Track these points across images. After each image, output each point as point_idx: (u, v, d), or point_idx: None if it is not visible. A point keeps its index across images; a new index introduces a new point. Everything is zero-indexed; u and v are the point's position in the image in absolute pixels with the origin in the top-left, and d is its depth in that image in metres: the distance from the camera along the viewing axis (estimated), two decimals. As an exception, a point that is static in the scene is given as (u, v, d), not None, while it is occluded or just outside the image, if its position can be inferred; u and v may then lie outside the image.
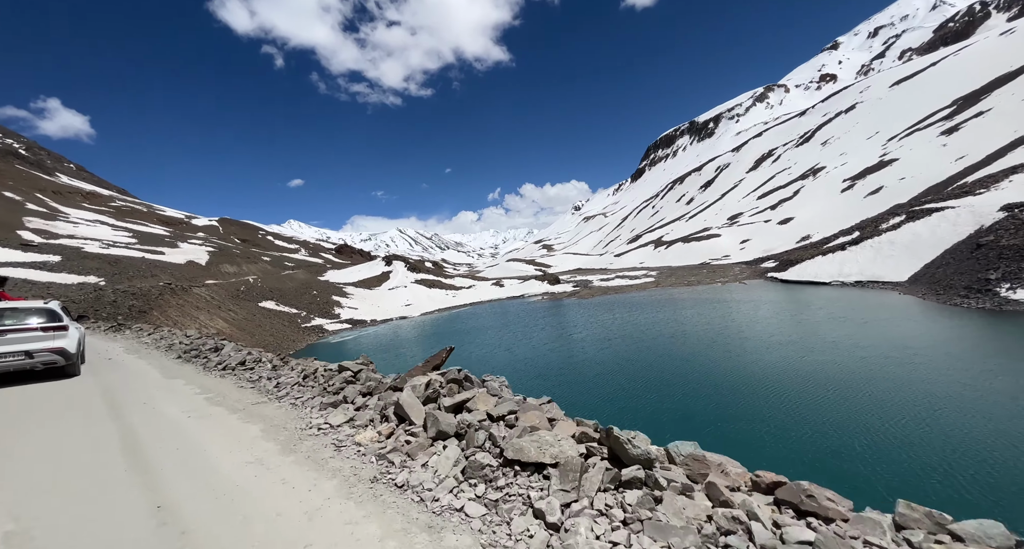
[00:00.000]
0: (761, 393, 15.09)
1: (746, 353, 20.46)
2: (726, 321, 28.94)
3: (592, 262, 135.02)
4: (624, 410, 15.66)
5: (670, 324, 30.79)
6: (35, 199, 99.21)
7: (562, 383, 20.15)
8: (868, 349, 18.21)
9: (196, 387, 7.86)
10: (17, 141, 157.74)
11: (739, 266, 67.15)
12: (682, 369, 19.71)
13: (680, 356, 21.86)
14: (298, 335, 53.94)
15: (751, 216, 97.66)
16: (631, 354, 24.05)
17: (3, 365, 7.84)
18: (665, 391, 17.14)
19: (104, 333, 19.31)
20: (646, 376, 19.33)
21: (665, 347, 24.43)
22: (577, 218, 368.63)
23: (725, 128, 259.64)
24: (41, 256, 53.57)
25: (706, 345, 23.64)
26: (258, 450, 4.73)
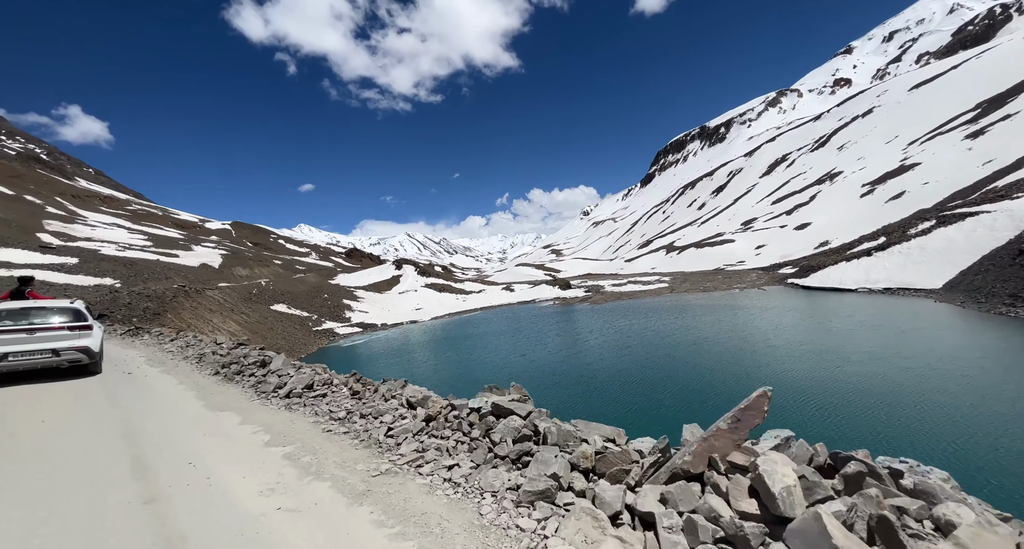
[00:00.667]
0: (797, 404, 14.17)
1: (776, 362, 19.50)
2: (750, 328, 27.91)
3: (602, 267, 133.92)
4: (648, 419, 14.85)
5: (691, 330, 29.83)
6: (55, 202, 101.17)
7: (582, 391, 19.38)
8: (911, 360, 17.16)
9: (261, 429, 5.41)
10: (39, 146, 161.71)
11: (755, 272, 65.72)
12: (708, 378, 18.81)
13: (705, 365, 20.96)
14: (309, 338, 53.77)
15: (766, 221, 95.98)
16: (652, 361, 23.18)
17: (32, 362, 7.96)
18: (691, 401, 16.28)
19: (121, 338, 17.55)
20: (669, 385, 18.48)
21: (688, 354, 23.52)
22: (586, 223, 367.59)
23: (737, 133, 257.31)
24: (59, 258, 54.21)
25: (732, 353, 22.68)
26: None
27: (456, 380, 26.37)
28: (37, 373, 8.37)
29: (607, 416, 15.62)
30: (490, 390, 6.30)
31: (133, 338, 16.69)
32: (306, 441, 4.98)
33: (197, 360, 10.82)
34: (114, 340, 16.32)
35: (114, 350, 13.24)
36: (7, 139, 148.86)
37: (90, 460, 4.41)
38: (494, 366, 28.36)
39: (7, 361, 7.77)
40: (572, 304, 67.07)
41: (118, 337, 17.85)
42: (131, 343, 15.06)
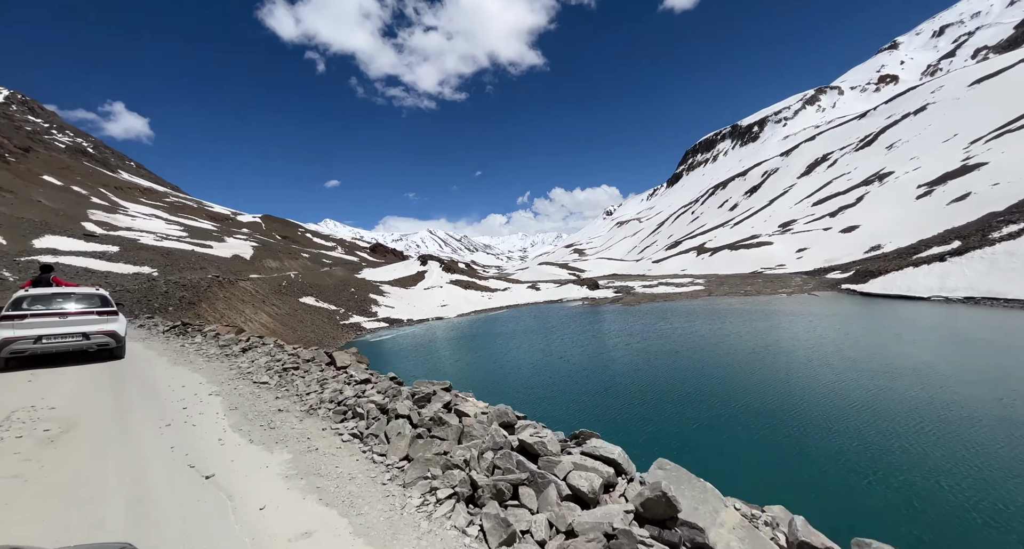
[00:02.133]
0: (913, 434, 12.10)
1: (864, 378, 17.28)
2: (814, 337, 25.49)
3: (628, 268, 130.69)
4: (722, 437, 13.05)
5: (747, 337, 27.59)
6: (99, 193, 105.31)
7: (636, 403, 17.66)
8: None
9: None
10: (86, 140, 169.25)
11: (799, 276, 62.08)
12: (784, 392, 16.81)
13: (774, 377, 18.91)
14: (337, 332, 53.60)
15: (807, 223, 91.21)
16: (712, 370, 21.23)
17: (65, 345, 8.35)
18: (773, 420, 14.37)
19: (164, 338, 13.15)
20: (742, 399, 16.57)
21: (750, 363, 21.46)
22: (609, 223, 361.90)
23: (771, 132, 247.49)
24: (101, 246, 55.76)
25: (802, 363, 20.50)
26: None
27: (491, 383, 25.00)
28: (68, 355, 8.81)
29: (673, 435, 13.88)
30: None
31: (182, 339, 12.22)
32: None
33: (291, 394, 6.47)
34: (154, 342, 11.98)
35: (155, 364, 9.14)
36: (58, 133, 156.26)
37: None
38: (535, 367, 26.87)
39: (41, 343, 8.09)
40: (602, 305, 64.93)
41: (160, 337, 13.29)
42: (180, 349, 10.68)
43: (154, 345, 11.50)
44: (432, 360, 34.83)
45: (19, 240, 49.03)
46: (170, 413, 5.70)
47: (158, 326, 16.03)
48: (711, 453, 12.32)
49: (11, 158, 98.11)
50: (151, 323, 17.97)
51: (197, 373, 8.18)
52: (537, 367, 26.98)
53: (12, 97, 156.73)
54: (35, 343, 8.03)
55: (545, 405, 18.97)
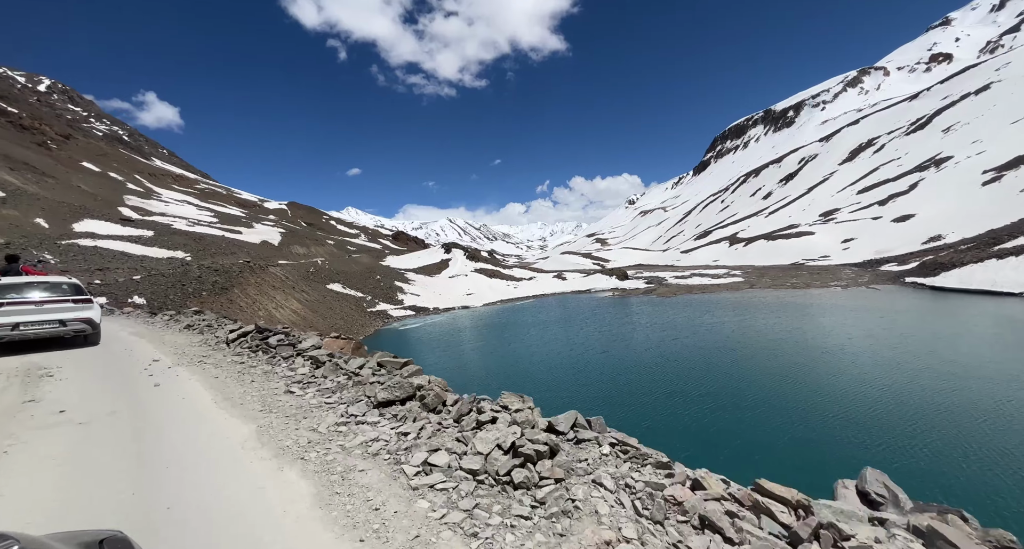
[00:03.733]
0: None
1: (975, 381, 15.02)
2: (896, 336, 22.96)
3: (654, 258, 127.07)
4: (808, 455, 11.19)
5: (814, 334, 25.23)
6: (134, 180, 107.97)
7: (707, 410, 15.86)
8: None
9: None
10: (121, 129, 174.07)
11: (848, 268, 58.21)
12: (890, 402, 14.72)
13: (866, 383, 16.77)
14: (365, 320, 53.23)
15: (852, 212, 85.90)
16: (785, 372, 19.18)
17: (41, 331, 8.60)
18: (876, 426, 12.41)
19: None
20: (835, 409, 14.59)
21: (828, 365, 19.31)
22: (632, 212, 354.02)
23: (808, 116, 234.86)
24: (137, 231, 56.63)
25: (898, 369, 18.19)
26: None
27: (532, 380, 23.54)
28: (44, 342, 9.13)
29: (759, 445, 12.08)
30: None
31: (268, 366, 7.49)
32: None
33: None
34: (226, 365, 7.88)
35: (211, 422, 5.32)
36: (96, 121, 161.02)
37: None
38: (577, 362, 25.24)
39: (19, 330, 8.33)
40: (633, 295, 62.63)
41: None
42: (245, 369, 7.41)
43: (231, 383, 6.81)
44: (464, 351, 33.64)
45: (60, 224, 50.01)
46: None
47: (202, 326, 12.66)
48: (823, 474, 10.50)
49: (53, 145, 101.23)
50: (175, 317, 15.71)
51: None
52: (581, 362, 25.35)
53: (53, 86, 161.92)
54: (12, 330, 8.26)
55: (596, 404, 17.37)
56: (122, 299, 30.10)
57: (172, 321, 14.60)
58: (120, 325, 13.72)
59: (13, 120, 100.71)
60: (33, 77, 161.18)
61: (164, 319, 15.40)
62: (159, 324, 14.00)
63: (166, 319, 15.30)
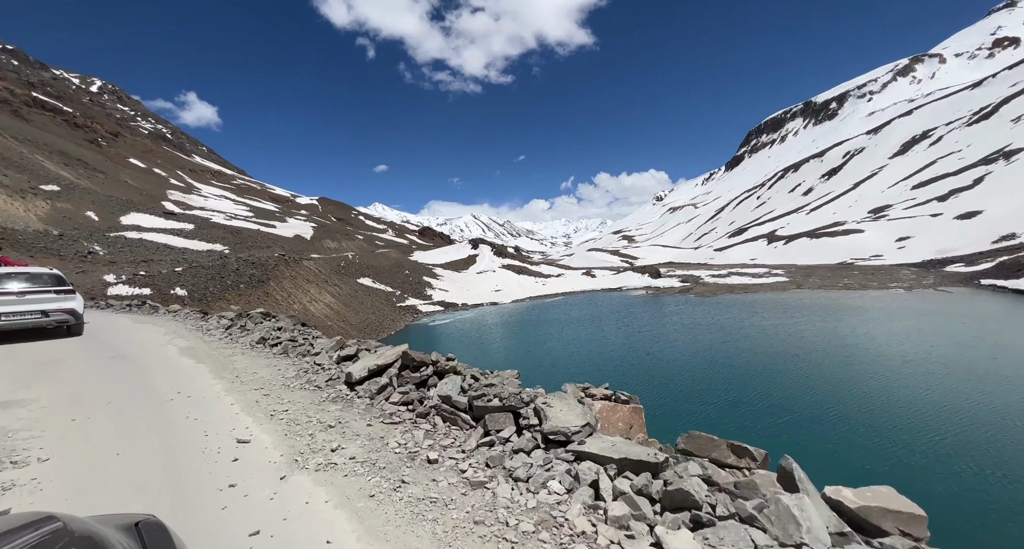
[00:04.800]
0: None
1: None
2: (986, 345, 20.48)
3: (686, 256, 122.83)
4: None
5: (884, 340, 22.93)
6: (176, 175, 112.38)
7: (778, 420, 14.26)
8: None
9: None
10: (165, 127, 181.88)
11: (907, 268, 54.02)
12: (996, 415, 12.77)
13: (965, 392, 14.75)
14: (396, 314, 53.21)
15: (906, 209, 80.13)
16: (862, 380, 17.24)
17: (24, 322, 8.50)
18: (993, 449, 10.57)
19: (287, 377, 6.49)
20: (928, 420, 12.76)
21: (911, 373, 17.25)
22: (660, 209, 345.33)
23: (852, 108, 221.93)
24: (179, 224, 58.47)
25: (1001, 381, 16.02)
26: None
27: (572, 380, 22.20)
28: (27, 332, 8.89)
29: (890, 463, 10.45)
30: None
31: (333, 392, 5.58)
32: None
33: None
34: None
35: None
36: (142, 120, 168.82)
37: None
38: (619, 364, 23.81)
39: (2, 320, 8.26)
40: (668, 294, 60.23)
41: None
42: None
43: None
44: (498, 351, 32.65)
45: (108, 217, 52.02)
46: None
47: (302, 346, 8.26)
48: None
49: (103, 142, 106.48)
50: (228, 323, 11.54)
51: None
52: (624, 364, 23.90)
53: (104, 87, 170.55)
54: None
55: (651, 413, 15.94)
56: (165, 290, 30.66)
57: (236, 329, 10.41)
58: (167, 332, 10.39)
59: (68, 119, 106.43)
60: (86, 79, 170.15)
61: (223, 324, 11.27)
62: (217, 333, 10.17)
63: (226, 324, 11.17)
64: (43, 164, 62.53)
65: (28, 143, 69.80)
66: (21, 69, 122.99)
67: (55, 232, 41.06)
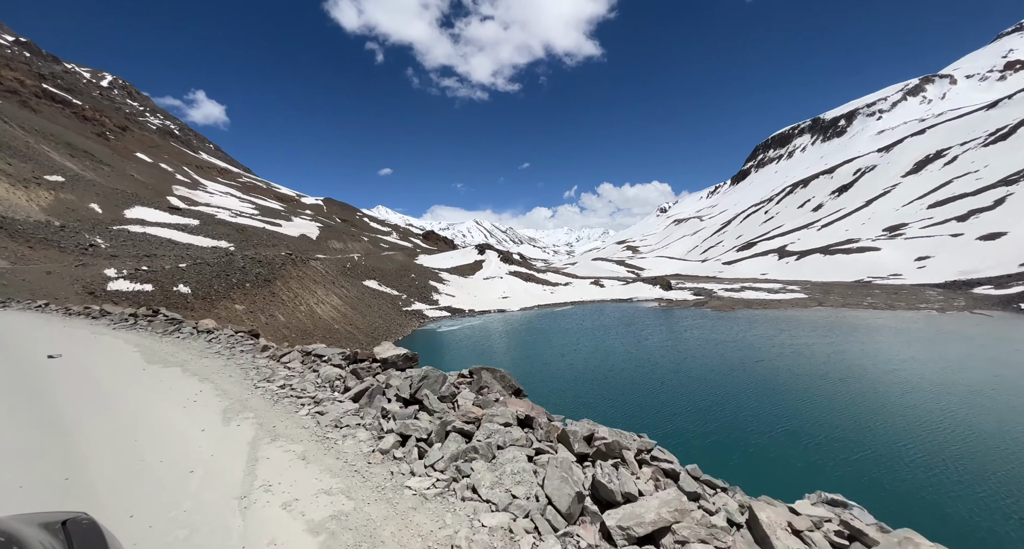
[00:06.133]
0: None
1: None
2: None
3: (693, 268, 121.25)
4: None
5: (938, 365, 21.29)
6: (182, 171, 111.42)
7: (851, 456, 12.61)
8: None
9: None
10: (173, 123, 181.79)
11: (930, 289, 52.41)
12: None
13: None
14: (402, 319, 51.56)
15: (923, 228, 78.73)
16: (930, 409, 15.59)
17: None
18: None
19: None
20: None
21: (984, 404, 15.58)
22: (664, 220, 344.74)
23: (862, 125, 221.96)
24: (184, 219, 57.10)
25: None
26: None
27: (602, 397, 20.69)
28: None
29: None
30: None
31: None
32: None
33: None
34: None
35: None
36: (150, 115, 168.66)
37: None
38: (647, 383, 22.12)
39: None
40: (681, 307, 58.56)
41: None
42: None
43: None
44: (515, 361, 30.95)
45: (112, 210, 50.67)
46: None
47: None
48: None
49: (111, 136, 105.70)
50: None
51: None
52: (653, 382, 22.20)
53: (115, 82, 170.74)
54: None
55: (691, 443, 14.26)
56: (168, 286, 29.09)
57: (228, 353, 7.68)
58: (233, 405, 5.18)
59: (77, 111, 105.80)
60: (97, 73, 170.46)
61: (329, 379, 6.11)
62: (332, 408, 5.21)
63: (331, 378, 6.14)
64: (49, 154, 61.39)
65: (35, 133, 68.80)
66: (33, 61, 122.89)
67: (56, 223, 39.65)
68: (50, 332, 9.87)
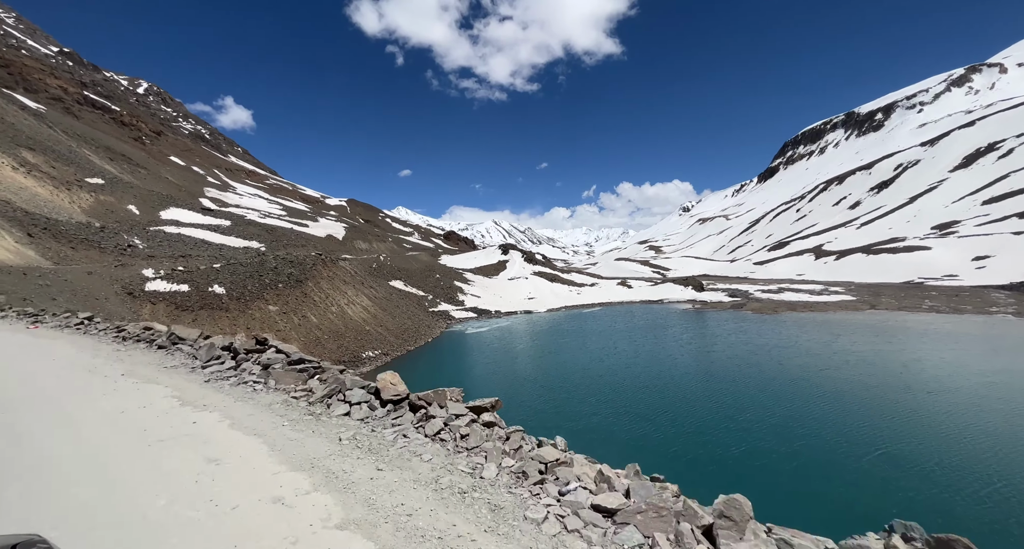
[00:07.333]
0: None
1: None
2: None
3: (722, 269, 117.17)
4: None
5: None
6: (213, 174, 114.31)
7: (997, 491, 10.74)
8: None
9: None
10: (204, 128, 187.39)
11: (996, 291, 48.47)
12: None
13: None
14: (430, 320, 50.85)
15: (978, 225, 73.55)
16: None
17: None
18: None
19: None
20: None
21: None
22: (688, 220, 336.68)
23: (901, 119, 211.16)
24: (216, 220, 57.98)
25: None
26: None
27: (660, 411, 19.12)
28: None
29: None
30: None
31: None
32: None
33: None
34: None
35: None
36: (183, 121, 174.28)
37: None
38: (705, 393, 20.47)
39: None
40: (716, 309, 56.01)
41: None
42: None
43: None
44: (554, 369, 29.57)
45: (149, 211, 51.70)
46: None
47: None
48: None
49: (146, 140, 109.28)
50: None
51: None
52: (713, 392, 20.49)
53: (150, 89, 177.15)
54: None
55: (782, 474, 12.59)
56: (203, 287, 28.95)
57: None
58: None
59: (116, 117, 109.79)
60: (134, 80, 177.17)
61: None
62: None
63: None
64: (90, 158, 63.35)
65: (77, 138, 71.23)
66: (75, 70, 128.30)
67: (97, 224, 40.42)
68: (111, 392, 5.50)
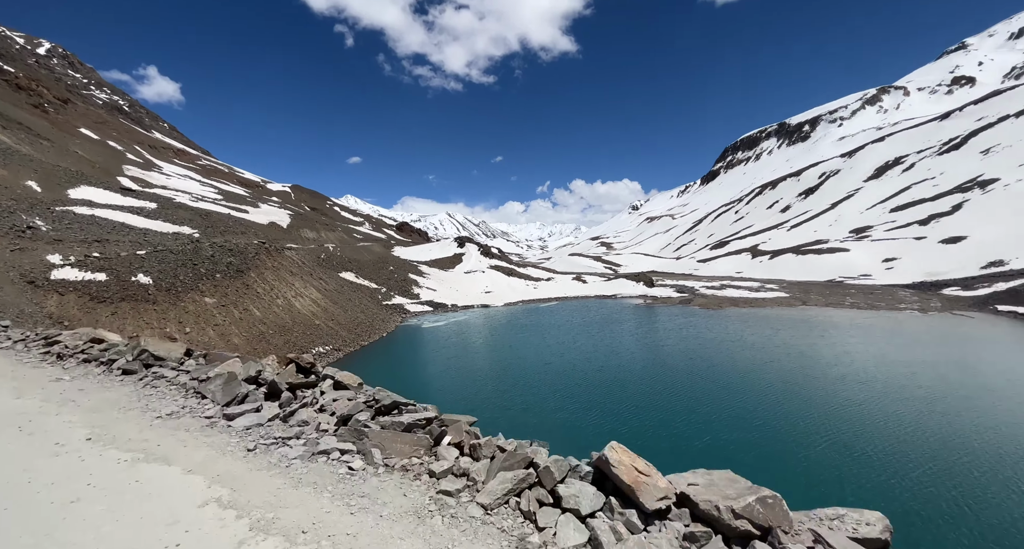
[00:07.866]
0: None
1: None
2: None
3: (669, 265, 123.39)
4: None
5: (976, 369, 21.38)
6: (134, 150, 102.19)
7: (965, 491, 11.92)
8: None
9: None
10: (122, 98, 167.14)
11: (902, 290, 54.74)
12: None
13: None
14: (384, 314, 48.79)
15: (888, 231, 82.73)
16: (983, 421, 15.26)
17: None
18: None
19: None
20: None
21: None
22: (637, 217, 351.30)
23: (824, 132, 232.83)
24: (139, 202, 51.66)
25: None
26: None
27: (627, 408, 19.52)
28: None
29: None
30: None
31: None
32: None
33: None
34: None
35: None
36: (96, 89, 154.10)
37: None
38: (666, 387, 21.16)
39: None
40: (667, 304, 58.72)
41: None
42: None
43: None
44: (515, 364, 29.39)
45: (54, 189, 45.01)
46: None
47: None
48: None
49: (49, 108, 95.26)
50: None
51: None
52: (672, 385, 21.25)
53: (53, 50, 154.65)
54: None
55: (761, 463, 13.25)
56: (124, 276, 25.53)
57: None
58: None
59: (9, 79, 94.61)
60: (33, 40, 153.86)
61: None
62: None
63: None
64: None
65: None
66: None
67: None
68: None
